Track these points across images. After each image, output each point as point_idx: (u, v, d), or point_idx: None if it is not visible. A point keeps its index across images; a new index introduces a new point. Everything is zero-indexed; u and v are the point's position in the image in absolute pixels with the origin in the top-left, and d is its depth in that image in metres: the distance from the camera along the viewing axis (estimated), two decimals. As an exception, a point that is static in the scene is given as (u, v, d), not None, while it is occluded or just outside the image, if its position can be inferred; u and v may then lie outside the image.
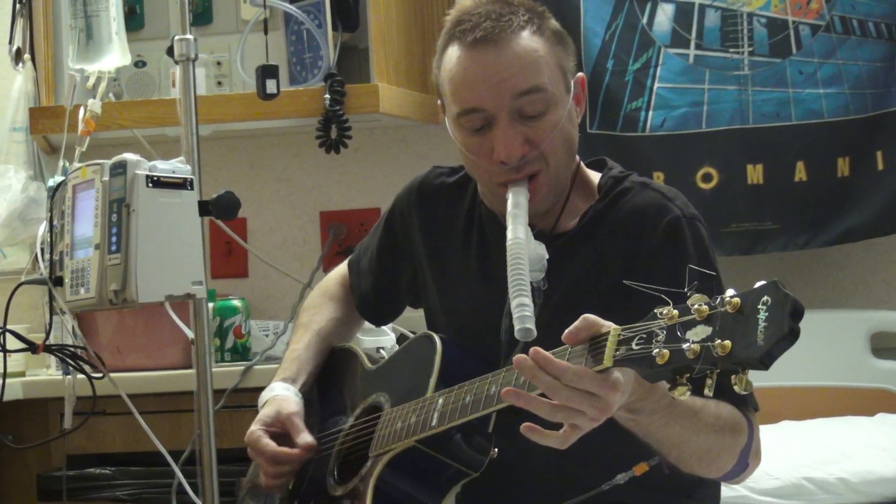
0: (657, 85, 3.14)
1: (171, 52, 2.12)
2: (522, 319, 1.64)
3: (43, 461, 2.95)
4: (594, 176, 1.94)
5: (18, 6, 3.13)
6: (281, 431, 1.96)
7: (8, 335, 2.08)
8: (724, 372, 1.32)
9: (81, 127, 2.43)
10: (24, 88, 3.15)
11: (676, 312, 1.36)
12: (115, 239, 1.83)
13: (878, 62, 3.08)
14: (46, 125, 3.03)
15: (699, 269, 1.43)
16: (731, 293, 1.32)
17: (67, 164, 2.43)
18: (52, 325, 2.06)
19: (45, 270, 2.02)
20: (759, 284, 1.30)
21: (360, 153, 3.38)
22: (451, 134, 1.88)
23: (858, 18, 3.08)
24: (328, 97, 2.93)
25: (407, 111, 3.14)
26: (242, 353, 3.03)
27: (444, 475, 1.76)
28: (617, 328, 1.44)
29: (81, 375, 2.11)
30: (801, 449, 2.69)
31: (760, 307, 1.28)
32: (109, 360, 2.32)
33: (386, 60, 3.07)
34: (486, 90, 1.79)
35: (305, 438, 1.93)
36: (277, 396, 2.00)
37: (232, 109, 3.00)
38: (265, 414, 1.98)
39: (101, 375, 2.10)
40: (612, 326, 1.45)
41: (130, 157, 1.85)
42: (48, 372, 3.08)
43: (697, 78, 3.14)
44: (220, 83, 3.20)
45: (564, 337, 1.48)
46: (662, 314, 1.37)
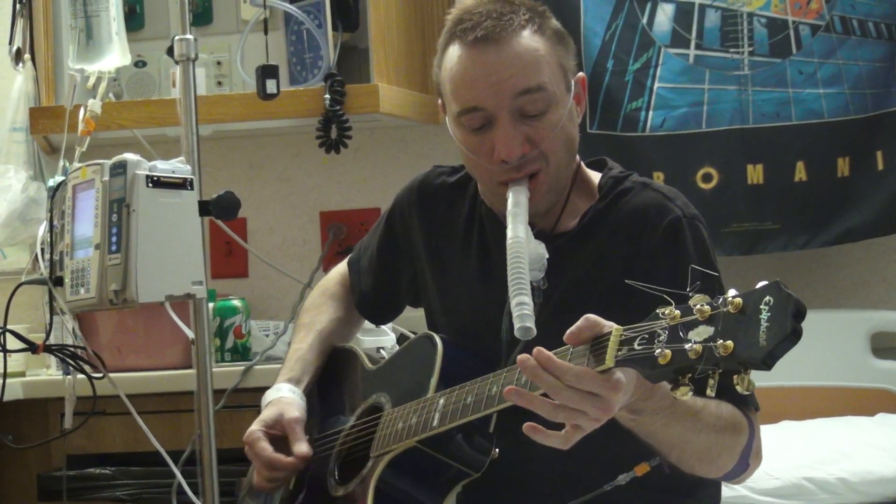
0: (657, 85, 3.14)
1: (171, 52, 2.11)
2: (522, 318, 1.63)
3: (43, 461, 2.95)
4: (594, 176, 1.94)
5: (18, 6, 3.13)
6: (281, 435, 1.95)
7: (8, 335, 2.07)
8: (726, 372, 1.32)
9: (81, 127, 2.43)
10: (24, 88, 3.15)
11: (678, 313, 1.36)
12: (115, 239, 1.83)
13: (878, 62, 3.08)
14: (46, 125, 3.03)
15: (700, 269, 1.43)
16: (733, 293, 1.32)
17: (67, 164, 2.43)
18: (52, 325, 2.06)
19: (45, 270, 2.02)
20: (761, 285, 1.30)
21: (360, 153, 3.37)
22: (451, 133, 1.88)
23: (858, 18, 3.08)
24: (328, 97, 2.93)
25: (407, 111, 3.14)
26: (242, 353, 3.03)
27: (444, 475, 1.76)
28: (619, 328, 1.43)
29: (81, 375, 2.11)
30: (801, 449, 2.69)
31: (763, 307, 1.28)
32: (109, 360, 2.32)
33: (386, 60, 3.07)
34: (486, 89, 1.79)
35: (301, 448, 1.92)
36: (283, 399, 1.99)
37: (232, 109, 3.00)
38: (267, 415, 1.97)
39: (101, 375, 2.09)
40: (613, 326, 1.45)
41: (130, 157, 1.85)
42: (48, 372, 3.07)
43: (697, 78, 3.14)
44: (220, 83, 3.19)
45: (566, 337, 1.48)
46: (664, 314, 1.37)
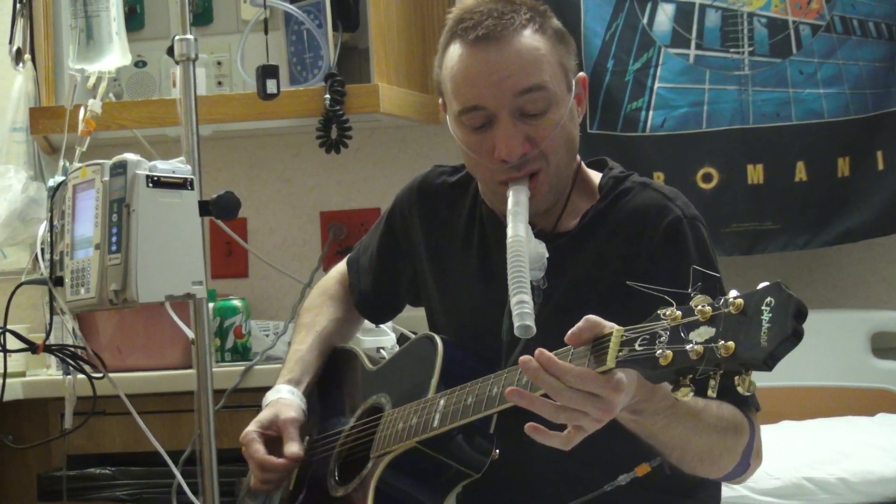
0: (657, 85, 3.14)
1: (171, 52, 2.11)
2: (522, 316, 1.63)
3: (43, 461, 2.95)
4: (595, 176, 1.94)
5: (19, 6, 3.13)
6: (276, 435, 1.95)
7: (8, 335, 2.07)
8: (727, 373, 1.31)
9: (82, 127, 2.43)
10: (24, 88, 3.15)
11: (680, 313, 1.36)
12: (115, 239, 1.82)
13: (878, 62, 3.08)
14: (47, 125, 3.03)
15: (701, 270, 1.43)
16: (734, 294, 1.31)
17: (68, 164, 2.43)
18: (52, 325, 2.06)
19: (45, 270, 2.02)
20: (762, 285, 1.30)
21: (360, 153, 3.37)
22: (452, 132, 1.87)
23: (859, 18, 3.08)
24: (328, 97, 2.93)
25: (407, 111, 3.14)
26: (243, 353, 3.03)
27: (445, 476, 1.76)
28: (620, 329, 1.43)
29: (81, 375, 2.11)
30: (801, 449, 2.69)
31: (764, 308, 1.28)
32: (109, 360, 2.31)
33: (386, 60, 3.07)
34: (487, 88, 1.79)
35: (292, 448, 1.92)
36: (281, 400, 1.99)
37: (232, 109, 3.00)
38: (263, 416, 1.97)
39: (101, 375, 2.09)
40: (614, 327, 1.45)
41: (131, 157, 1.85)
42: (48, 372, 3.07)
43: (698, 78, 3.14)
44: (220, 83, 3.19)
45: (567, 338, 1.48)
46: (665, 315, 1.36)
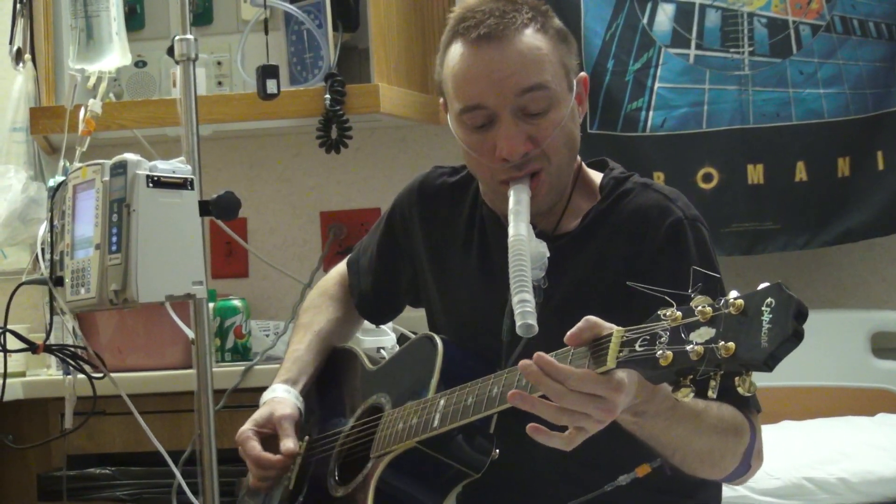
0: (657, 85, 3.14)
1: (171, 52, 2.11)
2: (524, 315, 1.63)
3: (43, 461, 2.94)
4: (596, 176, 1.94)
5: (19, 6, 3.13)
6: (272, 433, 1.96)
7: (8, 335, 2.07)
8: (727, 374, 1.31)
9: (82, 127, 2.43)
10: (24, 88, 3.15)
11: (680, 314, 1.36)
12: (115, 239, 1.82)
13: (878, 62, 3.08)
14: (47, 125, 3.03)
15: (702, 270, 1.43)
16: (734, 295, 1.31)
17: (68, 164, 2.43)
18: (52, 325, 2.06)
19: (45, 270, 2.01)
20: (762, 286, 1.30)
21: (360, 153, 3.37)
22: (452, 131, 1.87)
23: (859, 18, 3.08)
24: (328, 97, 2.93)
25: (407, 111, 3.14)
26: (243, 353, 3.03)
27: (445, 476, 1.76)
28: (620, 329, 1.43)
29: (82, 375, 2.10)
30: (801, 449, 2.69)
31: (764, 309, 1.28)
32: (110, 360, 2.32)
33: (386, 60, 3.07)
34: (489, 87, 1.79)
35: (287, 445, 1.92)
36: (275, 398, 2.00)
37: (232, 109, 3.00)
38: (259, 414, 1.98)
39: (101, 375, 2.09)
40: (614, 328, 1.45)
41: (131, 157, 1.84)
42: (48, 372, 3.07)
43: (698, 78, 3.14)
44: (220, 83, 3.19)
45: (567, 338, 1.47)
46: (666, 315, 1.36)
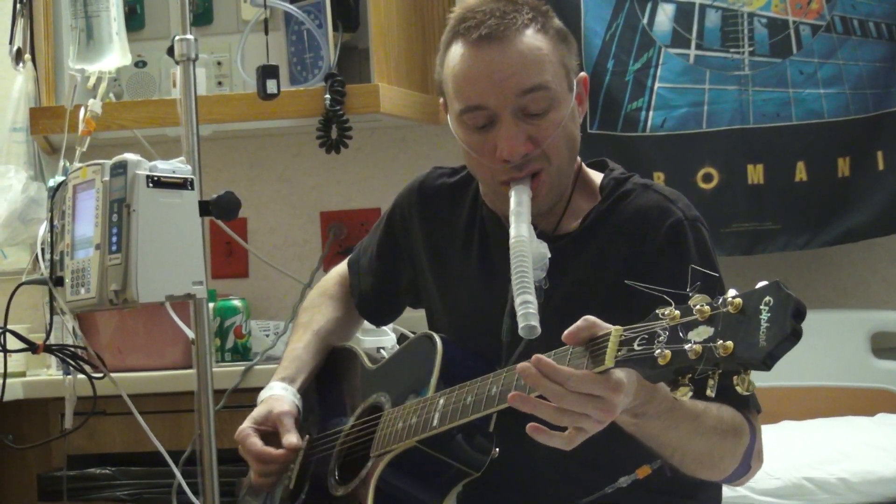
0: (658, 85, 3.14)
1: (171, 52, 2.11)
2: (527, 317, 1.63)
3: (43, 461, 2.95)
4: (596, 177, 1.94)
5: (19, 6, 3.13)
6: (272, 430, 1.96)
7: (8, 335, 2.07)
8: (726, 373, 1.32)
9: (82, 127, 2.44)
10: (24, 88, 3.15)
11: (678, 313, 1.36)
12: (115, 239, 1.82)
13: (878, 62, 3.08)
14: (47, 125, 3.03)
15: (701, 269, 1.43)
16: (732, 293, 1.31)
17: (68, 164, 2.43)
18: (52, 325, 2.06)
19: (45, 270, 2.01)
20: (761, 285, 1.30)
21: (360, 153, 3.37)
22: (453, 132, 1.87)
23: (859, 18, 3.08)
24: (328, 97, 2.93)
25: (407, 111, 3.14)
26: (243, 353, 3.04)
27: (445, 475, 1.76)
28: (619, 328, 1.43)
29: (82, 375, 2.11)
30: (801, 449, 2.69)
31: (763, 308, 1.28)
32: (110, 360, 2.32)
33: (386, 60, 3.07)
34: (489, 88, 1.79)
35: (290, 439, 1.92)
36: (273, 396, 2.00)
37: (232, 109, 3.00)
38: (257, 412, 1.98)
39: (101, 375, 2.09)
40: (612, 328, 1.45)
41: (131, 157, 1.85)
42: (49, 372, 3.07)
43: (698, 78, 3.14)
44: (220, 83, 3.19)
45: (565, 336, 1.48)
46: (664, 314, 1.37)
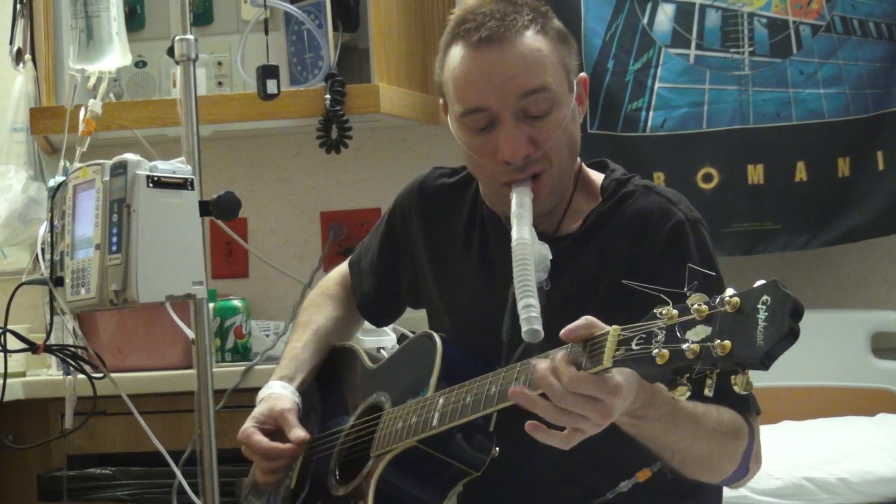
0: (658, 85, 3.14)
1: (171, 52, 2.11)
2: (530, 321, 1.63)
3: (43, 461, 2.95)
4: (596, 177, 1.94)
5: (19, 6, 3.13)
6: (274, 428, 1.96)
7: (8, 335, 2.07)
8: (724, 372, 1.32)
9: (82, 127, 2.44)
10: (24, 89, 3.15)
11: (676, 312, 1.36)
12: (115, 239, 1.82)
13: (878, 62, 3.08)
14: (47, 125, 3.03)
15: (699, 269, 1.43)
16: (730, 292, 1.31)
17: (68, 164, 2.44)
18: (52, 325, 2.06)
19: (45, 271, 2.02)
20: (758, 284, 1.30)
21: (360, 153, 3.37)
22: (453, 133, 1.87)
23: (859, 18, 3.08)
24: (329, 97, 2.93)
25: (407, 111, 3.14)
26: (243, 353, 3.04)
27: (445, 475, 1.76)
28: (617, 328, 1.43)
29: (82, 375, 2.11)
30: (801, 449, 2.69)
31: (760, 307, 1.28)
32: (110, 360, 2.32)
33: (386, 60, 3.07)
34: (490, 90, 1.79)
35: (298, 433, 1.93)
36: (272, 394, 2.00)
37: (232, 109, 3.00)
38: (258, 411, 1.98)
39: (101, 375, 2.10)
40: (610, 328, 1.45)
41: (131, 157, 1.85)
42: (49, 372, 3.07)
43: (698, 78, 3.14)
44: (220, 83, 3.19)
45: (562, 334, 1.48)
46: (662, 314, 1.37)
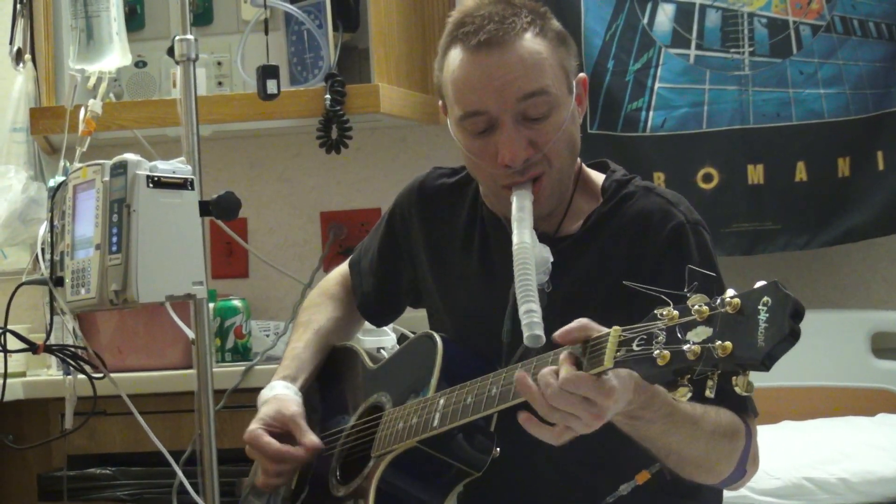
0: (658, 85, 3.14)
1: (171, 52, 2.12)
2: (531, 326, 1.63)
3: (43, 461, 2.95)
4: (597, 178, 1.94)
5: (19, 6, 3.13)
6: (281, 431, 1.95)
7: (8, 335, 2.07)
8: (724, 373, 1.32)
9: (82, 127, 2.44)
10: (24, 89, 3.15)
11: (677, 313, 1.36)
12: (115, 239, 1.83)
13: (878, 62, 3.08)
14: (47, 125, 3.03)
15: (700, 270, 1.43)
16: (731, 293, 1.31)
17: (68, 164, 2.43)
18: (52, 325, 2.06)
19: (45, 271, 2.02)
20: (759, 285, 1.30)
21: (360, 153, 3.37)
22: (453, 136, 1.87)
23: (859, 18, 3.08)
24: (329, 97, 2.93)
25: (407, 111, 3.14)
26: (243, 353, 3.04)
27: (446, 475, 1.76)
28: (617, 329, 1.43)
29: (82, 376, 2.11)
30: (801, 449, 2.69)
31: (761, 308, 1.28)
32: (110, 360, 2.32)
33: (386, 60, 3.07)
34: (490, 93, 1.78)
35: (312, 439, 1.92)
36: (278, 396, 1.99)
37: (232, 109, 3.00)
38: (265, 413, 1.97)
39: (101, 375, 2.10)
40: (610, 329, 1.45)
41: (131, 157, 1.85)
42: (49, 372, 3.07)
43: (698, 78, 3.14)
44: (220, 83, 3.19)
45: (556, 336, 1.49)
46: (663, 315, 1.37)
